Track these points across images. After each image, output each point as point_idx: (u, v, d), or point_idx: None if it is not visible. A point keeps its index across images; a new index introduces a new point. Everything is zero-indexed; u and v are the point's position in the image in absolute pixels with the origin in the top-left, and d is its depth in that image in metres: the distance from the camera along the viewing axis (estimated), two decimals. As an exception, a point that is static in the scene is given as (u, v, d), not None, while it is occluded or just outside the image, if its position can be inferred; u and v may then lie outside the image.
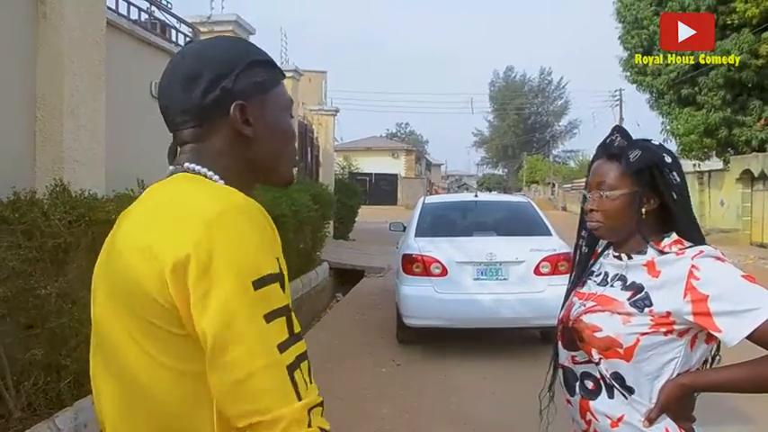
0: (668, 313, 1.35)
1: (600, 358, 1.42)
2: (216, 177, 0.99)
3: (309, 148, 15.12)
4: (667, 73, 20.03)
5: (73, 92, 4.20)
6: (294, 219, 7.36)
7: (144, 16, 6.70)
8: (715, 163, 21.34)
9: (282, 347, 0.82)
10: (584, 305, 1.49)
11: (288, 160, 1.11)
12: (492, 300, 5.86)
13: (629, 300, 1.40)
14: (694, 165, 21.62)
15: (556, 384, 1.64)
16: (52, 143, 4.10)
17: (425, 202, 7.54)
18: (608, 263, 1.53)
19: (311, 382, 0.85)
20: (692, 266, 1.35)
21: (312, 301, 8.81)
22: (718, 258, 1.38)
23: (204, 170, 0.99)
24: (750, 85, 18.20)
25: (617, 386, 1.40)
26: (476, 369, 5.67)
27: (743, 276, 1.34)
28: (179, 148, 1.05)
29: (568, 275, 1.71)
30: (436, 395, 5.04)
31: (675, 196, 1.44)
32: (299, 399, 0.81)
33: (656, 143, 1.51)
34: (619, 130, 1.52)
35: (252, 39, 8.93)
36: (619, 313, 1.40)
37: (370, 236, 16.36)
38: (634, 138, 1.50)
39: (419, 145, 67.67)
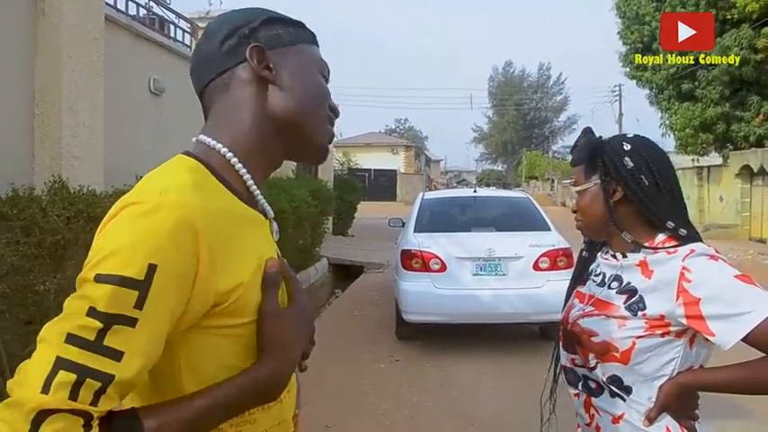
0: (662, 316, 1.33)
1: (597, 363, 1.41)
2: (229, 154, 0.93)
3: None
4: (667, 68, 20.02)
5: (71, 88, 4.20)
6: (293, 214, 7.36)
7: (142, 12, 6.69)
8: (714, 158, 21.35)
9: (72, 339, 0.72)
10: (583, 309, 1.49)
11: (322, 121, 1.02)
12: (491, 295, 5.86)
13: (624, 303, 1.39)
14: (693, 160, 21.63)
15: (557, 387, 1.65)
16: (51, 139, 4.10)
17: (424, 197, 7.54)
18: (604, 263, 1.52)
19: (90, 403, 0.71)
20: (684, 268, 1.32)
21: (311, 296, 8.82)
22: (712, 257, 1.33)
23: (215, 143, 0.94)
24: (749, 81, 18.20)
25: (614, 388, 1.40)
26: (475, 365, 5.68)
27: (736, 276, 1.29)
28: (206, 118, 1.01)
29: (571, 272, 1.71)
30: (435, 391, 5.05)
31: (628, 183, 1.41)
32: (44, 392, 0.69)
33: (630, 135, 1.49)
34: (584, 131, 1.54)
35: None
36: (614, 317, 1.39)
37: (369, 232, 16.36)
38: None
39: (418, 141, 67.65)
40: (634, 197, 1.41)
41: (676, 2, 18.41)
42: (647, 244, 1.41)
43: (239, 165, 0.94)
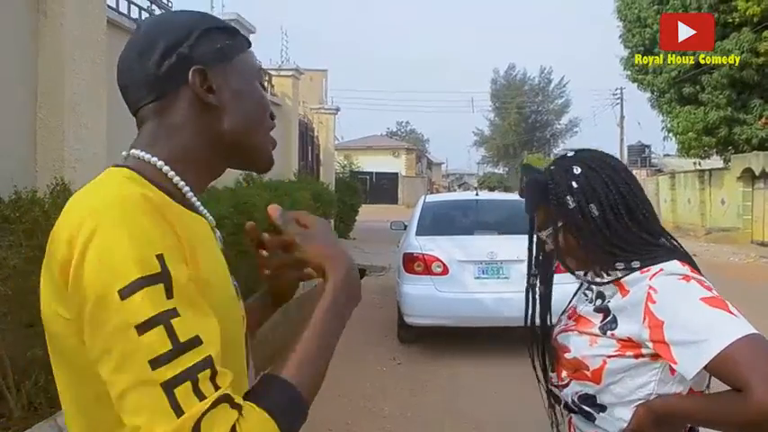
0: (629, 338, 1.26)
1: (569, 380, 1.37)
2: (165, 167, 0.90)
3: (310, 147, 15.12)
4: (668, 71, 20.03)
5: (74, 90, 4.20)
6: (295, 217, 7.36)
7: (144, 15, 6.70)
8: (716, 162, 21.35)
9: (156, 363, 0.72)
10: (565, 324, 1.46)
11: (264, 135, 0.99)
12: (493, 298, 5.85)
13: (600, 323, 1.33)
14: (695, 163, 21.62)
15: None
16: (53, 142, 4.10)
17: (426, 200, 7.54)
18: (596, 279, 1.46)
19: (219, 386, 0.74)
20: (650, 288, 1.23)
21: (312, 300, 8.80)
22: (684, 276, 1.24)
23: (151, 157, 0.90)
24: (751, 84, 18.21)
25: (585, 407, 1.34)
26: (477, 367, 5.67)
27: (703, 299, 1.18)
28: (138, 132, 0.96)
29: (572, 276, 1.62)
30: (438, 394, 5.04)
31: (597, 212, 1.32)
32: (179, 415, 0.71)
33: (577, 152, 1.44)
34: (524, 168, 1.49)
35: (252, 38, 8.87)
36: (587, 334, 1.34)
37: (370, 235, 16.35)
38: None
39: (420, 144, 67.66)
40: (596, 232, 1.33)
41: (678, 5, 18.42)
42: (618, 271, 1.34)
43: (177, 178, 0.91)
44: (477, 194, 7.91)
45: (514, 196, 9.56)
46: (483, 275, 6.02)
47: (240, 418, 0.74)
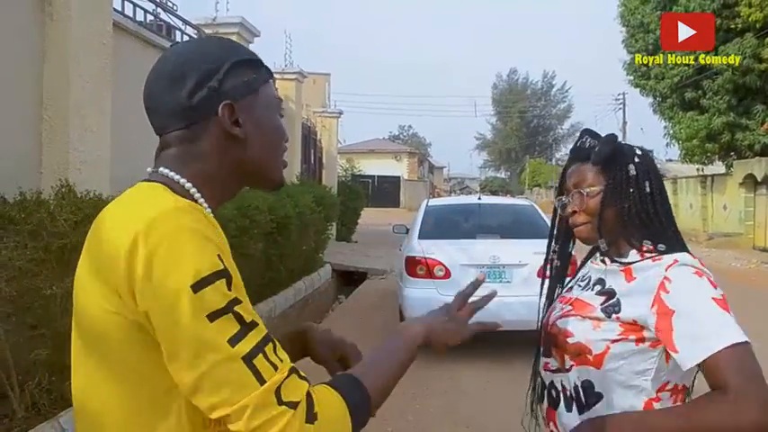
0: (634, 321, 1.30)
1: (571, 365, 1.39)
2: (189, 185, 0.97)
3: (313, 151, 15.14)
4: (671, 77, 20.04)
5: (79, 93, 4.23)
6: (298, 220, 7.38)
7: (150, 18, 6.73)
8: (718, 167, 21.32)
9: (234, 341, 0.82)
10: (563, 309, 1.47)
11: (279, 161, 1.08)
12: (495, 302, 5.78)
13: (601, 305, 1.37)
14: (697, 169, 21.58)
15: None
16: (58, 144, 4.13)
17: (429, 204, 7.55)
18: (593, 266, 1.50)
19: (282, 360, 0.86)
20: (665, 278, 1.28)
21: (315, 302, 8.82)
22: (696, 271, 1.29)
23: (177, 176, 0.97)
24: (754, 90, 18.20)
25: (582, 396, 1.37)
26: (479, 371, 5.67)
27: (714, 299, 1.24)
28: (162, 152, 1.02)
29: (541, 287, 1.66)
30: (439, 398, 5.04)
31: (636, 190, 1.40)
32: (262, 383, 0.82)
33: (633, 144, 1.49)
34: (587, 132, 1.51)
35: (256, 41, 8.95)
36: (590, 318, 1.37)
37: (372, 238, 16.36)
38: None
39: (422, 148, 67.68)
40: (649, 206, 1.40)
41: (681, 10, 18.43)
42: (635, 251, 1.39)
43: (201, 199, 0.98)
44: (479, 198, 7.92)
45: (517, 200, 9.59)
46: (485, 279, 6.02)
47: (311, 388, 0.87)
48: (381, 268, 11.25)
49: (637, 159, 1.42)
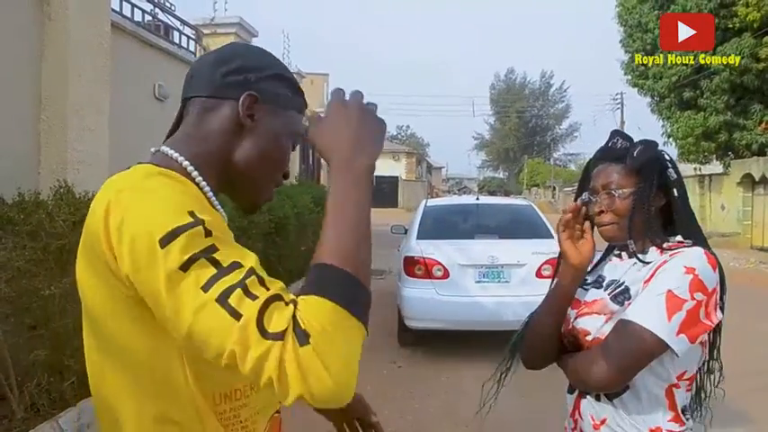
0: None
1: None
2: (186, 163, 0.99)
3: (311, 151, 15.13)
4: (669, 76, 20.06)
5: (77, 93, 4.22)
6: (296, 221, 7.38)
7: (148, 18, 6.73)
8: (715, 167, 21.35)
9: (207, 286, 0.79)
10: (579, 310, 1.50)
11: (264, 183, 1.07)
12: (494, 302, 5.86)
13: (609, 295, 1.42)
14: (695, 168, 21.60)
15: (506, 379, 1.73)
16: (57, 144, 4.12)
17: (427, 204, 7.56)
18: (608, 266, 1.53)
19: (269, 288, 0.81)
20: (664, 261, 1.36)
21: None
22: (688, 270, 1.32)
23: (176, 155, 0.99)
24: (751, 89, 18.23)
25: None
26: (478, 371, 5.64)
27: (671, 291, 1.29)
28: (172, 134, 1.05)
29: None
30: (438, 397, 5.04)
31: (677, 192, 1.45)
32: (238, 318, 0.77)
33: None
34: (619, 133, 1.52)
35: (254, 41, 8.96)
36: (603, 314, 1.41)
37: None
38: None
39: (420, 148, 67.68)
40: (679, 206, 1.45)
41: (679, 10, 18.45)
42: (656, 249, 1.44)
43: (199, 177, 0.99)
44: (477, 199, 7.92)
45: (515, 201, 9.60)
46: (483, 279, 6.02)
47: (297, 311, 0.79)
48: (380, 268, 11.24)
49: (670, 165, 1.47)
